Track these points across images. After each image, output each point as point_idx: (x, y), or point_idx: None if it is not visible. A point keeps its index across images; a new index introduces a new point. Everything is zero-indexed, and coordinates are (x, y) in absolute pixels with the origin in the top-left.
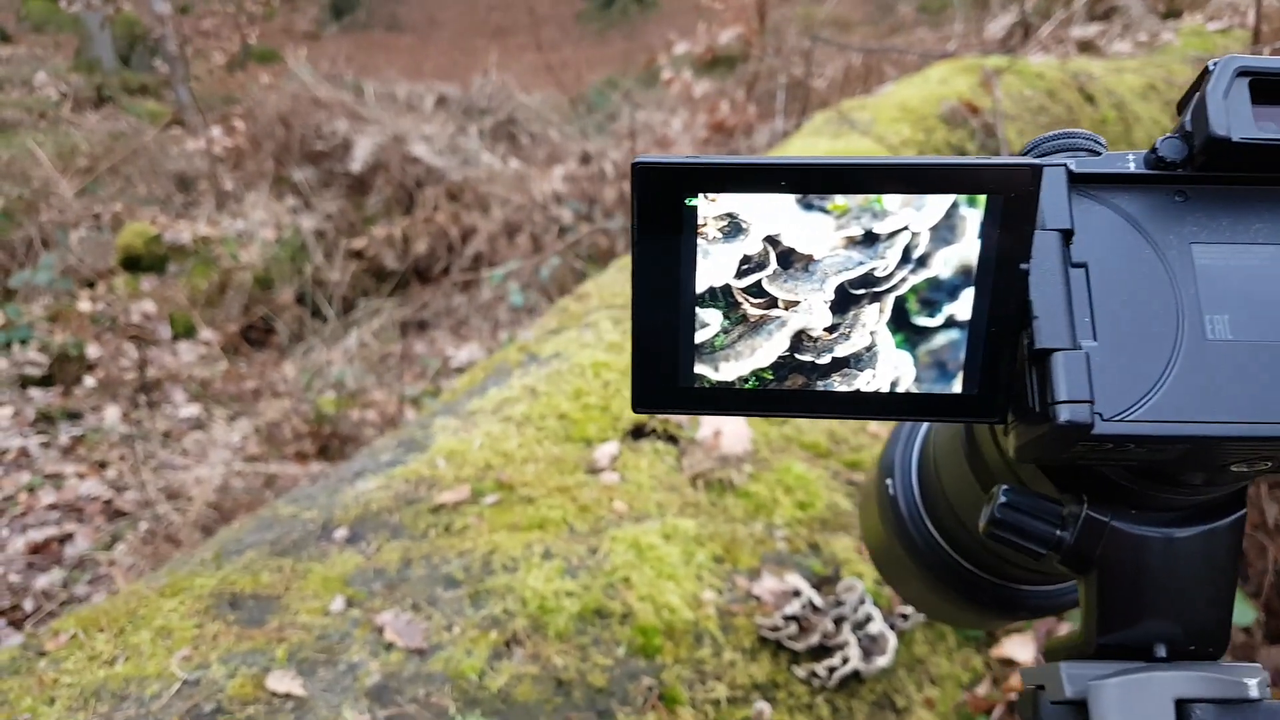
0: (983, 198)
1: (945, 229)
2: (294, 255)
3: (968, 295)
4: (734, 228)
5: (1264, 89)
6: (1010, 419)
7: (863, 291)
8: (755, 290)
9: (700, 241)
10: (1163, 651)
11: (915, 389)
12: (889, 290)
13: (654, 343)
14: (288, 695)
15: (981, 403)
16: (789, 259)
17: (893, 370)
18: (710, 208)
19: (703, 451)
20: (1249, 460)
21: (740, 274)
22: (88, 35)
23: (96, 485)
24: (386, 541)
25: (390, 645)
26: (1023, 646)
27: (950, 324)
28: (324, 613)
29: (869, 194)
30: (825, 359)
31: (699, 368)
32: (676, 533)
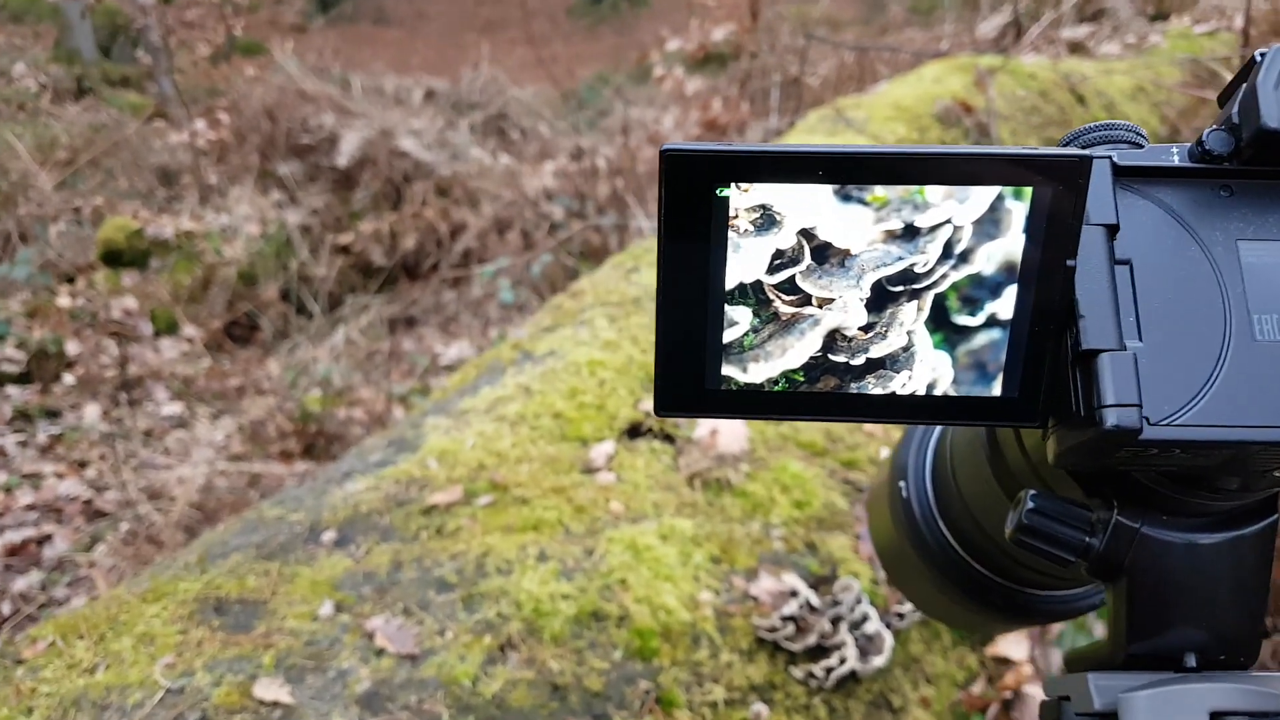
0: (1029, 190)
1: (989, 223)
2: (279, 250)
3: (1010, 293)
4: (767, 220)
5: None
6: (1050, 423)
7: (901, 288)
8: (788, 286)
9: (731, 234)
10: (1193, 661)
11: (953, 391)
12: (929, 287)
13: (679, 342)
14: (275, 703)
15: (1022, 406)
16: (824, 253)
17: (930, 372)
18: (743, 199)
19: (699, 450)
20: None
21: (772, 269)
22: (67, 25)
23: (76, 485)
24: (376, 544)
25: (381, 651)
26: (1017, 645)
27: (992, 323)
28: (312, 618)
29: (911, 185)
30: (860, 360)
31: (726, 369)
32: (673, 533)
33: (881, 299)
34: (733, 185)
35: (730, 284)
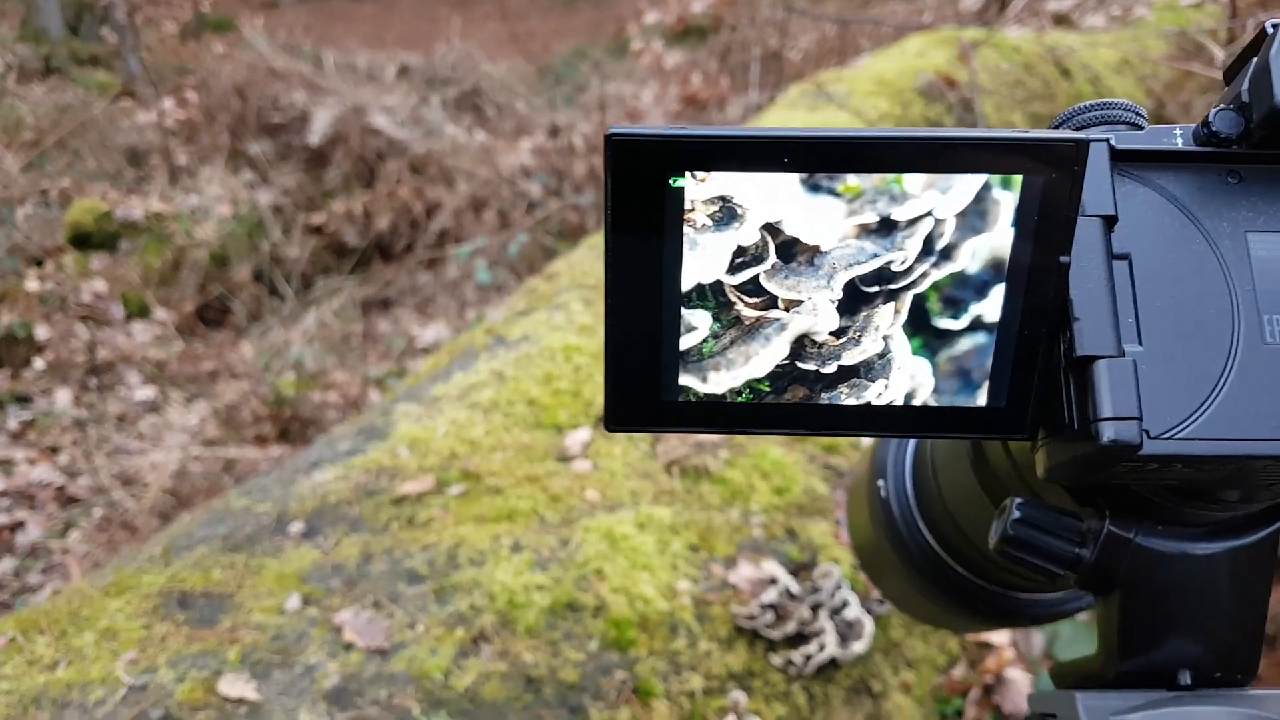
0: (1018, 178)
1: (975, 215)
2: (251, 231)
3: (998, 293)
4: (727, 213)
5: None
6: (1041, 435)
7: (876, 289)
8: (751, 287)
9: (687, 229)
10: (1187, 678)
11: (934, 402)
12: (907, 287)
13: (631, 349)
14: (241, 700)
15: (1010, 417)
16: (791, 251)
17: (909, 380)
18: (699, 189)
19: (678, 437)
20: None
21: (734, 268)
22: (34, 4)
23: (48, 471)
24: (345, 535)
25: (350, 645)
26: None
27: (977, 326)
28: (279, 611)
29: (888, 173)
30: (831, 368)
31: (684, 379)
32: (651, 521)
33: (855, 301)
34: (688, 174)
35: (687, 285)
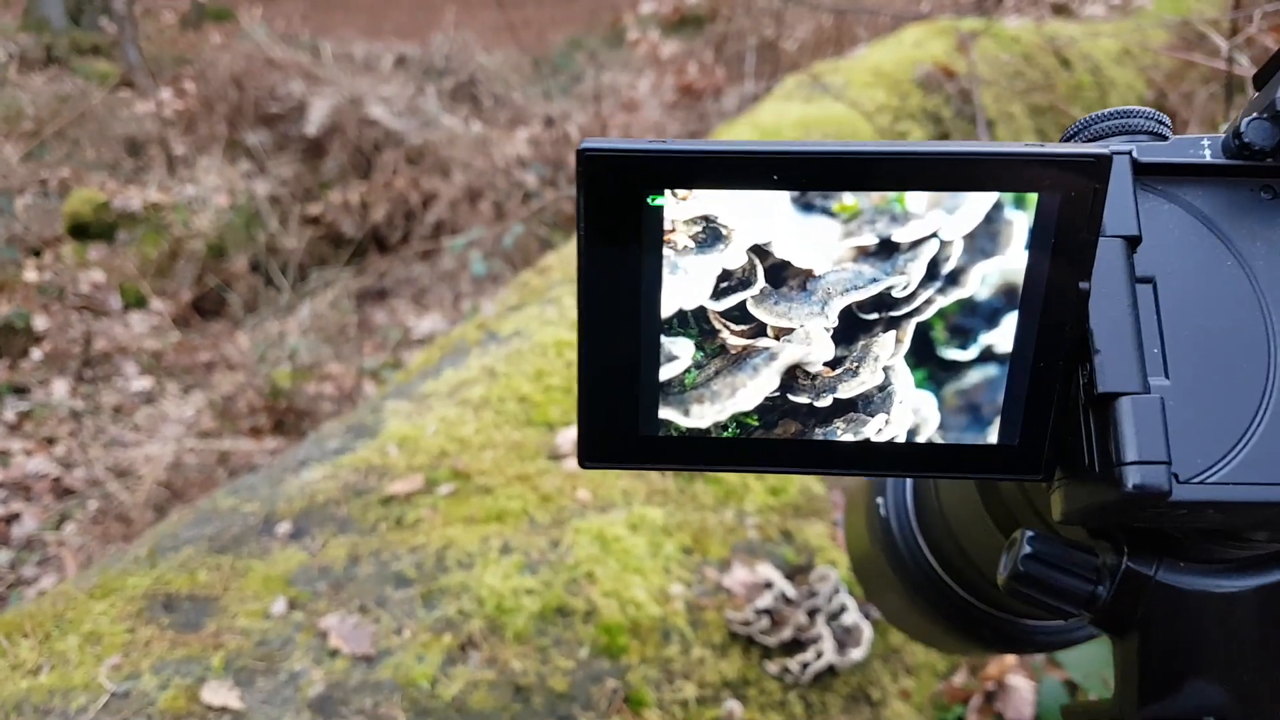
0: (1033, 196)
1: (984, 237)
2: (248, 222)
3: (1010, 321)
4: (711, 234)
5: None
6: (1057, 475)
7: (876, 316)
8: (738, 314)
9: (667, 251)
10: None
11: (940, 439)
12: (910, 315)
13: (607, 380)
14: (224, 708)
15: (1023, 457)
16: (781, 274)
17: (912, 415)
18: (681, 208)
19: None
20: None
21: (719, 293)
22: None
23: (44, 462)
24: (332, 536)
25: (335, 651)
26: None
27: (987, 357)
28: (264, 615)
29: (888, 191)
30: (826, 401)
31: (664, 412)
32: (643, 523)
33: (852, 329)
34: (667, 192)
35: (667, 311)
